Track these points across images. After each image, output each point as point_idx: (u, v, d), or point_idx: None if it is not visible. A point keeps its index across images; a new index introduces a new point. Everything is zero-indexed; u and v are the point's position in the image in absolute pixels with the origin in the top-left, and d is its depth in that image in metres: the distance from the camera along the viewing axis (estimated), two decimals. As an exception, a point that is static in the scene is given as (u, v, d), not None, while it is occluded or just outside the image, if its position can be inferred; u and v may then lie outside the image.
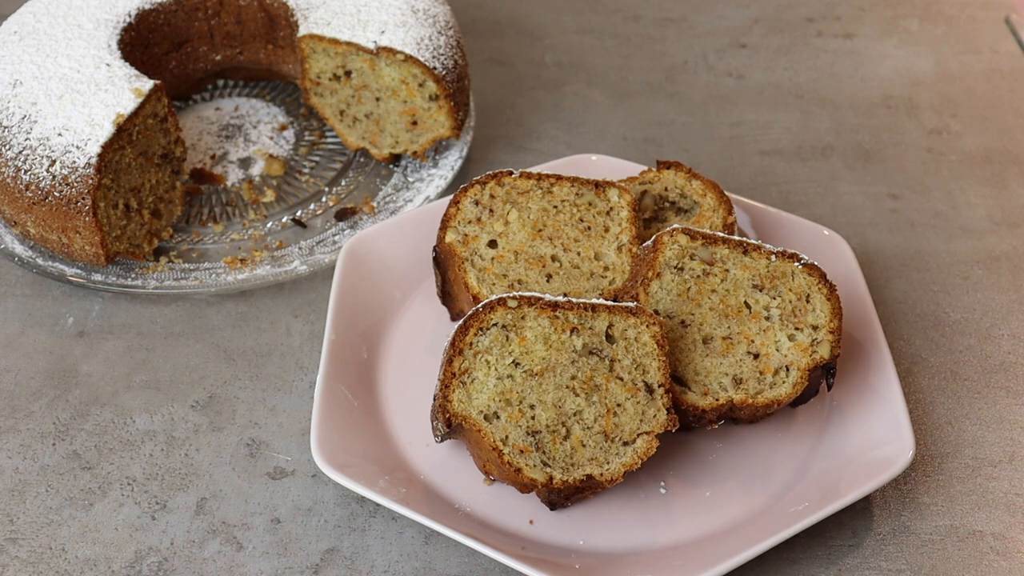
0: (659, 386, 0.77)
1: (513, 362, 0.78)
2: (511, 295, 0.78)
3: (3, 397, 0.91)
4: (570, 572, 0.74)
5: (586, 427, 0.76)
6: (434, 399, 0.79)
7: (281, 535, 0.81)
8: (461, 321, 0.78)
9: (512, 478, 0.76)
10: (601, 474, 0.75)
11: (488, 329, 0.78)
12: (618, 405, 0.77)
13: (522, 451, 0.75)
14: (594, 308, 0.78)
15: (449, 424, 0.77)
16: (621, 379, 0.77)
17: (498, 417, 0.76)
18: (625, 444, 0.76)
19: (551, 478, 0.75)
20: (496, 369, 0.77)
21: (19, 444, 0.87)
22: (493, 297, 0.79)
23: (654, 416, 0.76)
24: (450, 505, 0.80)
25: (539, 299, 0.78)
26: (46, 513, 0.82)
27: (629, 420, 0.76)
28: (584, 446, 0.76)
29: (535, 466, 0.75)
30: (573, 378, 0.77)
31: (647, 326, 0.78)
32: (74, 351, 0.95)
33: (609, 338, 0.78)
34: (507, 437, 0.76)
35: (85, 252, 0.96)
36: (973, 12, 1.43)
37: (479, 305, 0.79)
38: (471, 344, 0.78)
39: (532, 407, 0.77)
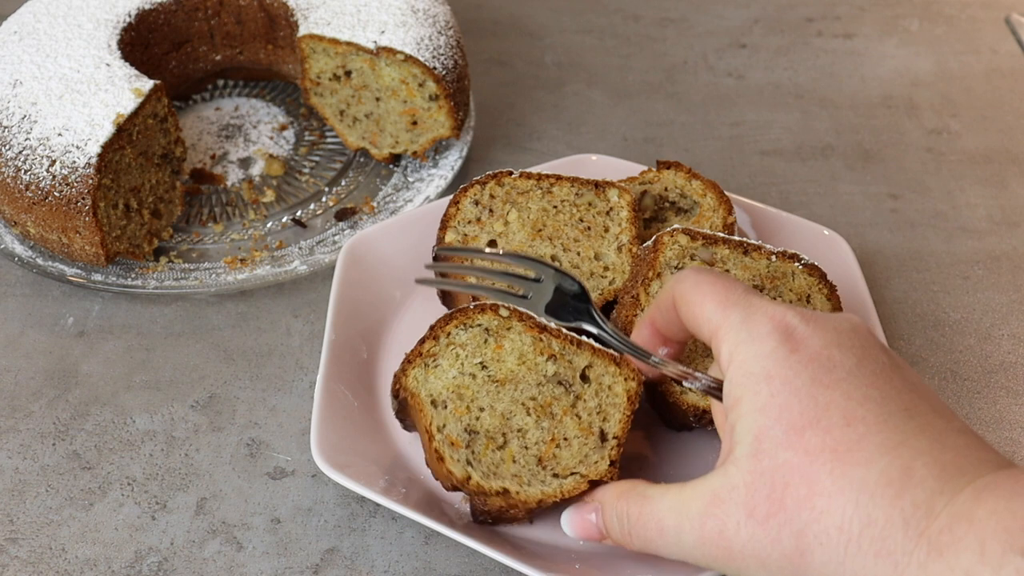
0: (613, 438, 0.75)
1: (481, 363, 0.78)
2: (507, 305, 0.78)
3: (3, 397, 0.91)
4: (570, 572, 0.74)
5: (524, 446, 0.76)
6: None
7: (281, 535, 0.81)
8: (449, 311, 0.79)
9: (435, 467, 0.76)
10: (518, 492, 0.73)
11: (472, 327, 0.78)
12: (564, 439, 0.76)
13: (452, 443, 0.75)
14: (579, 344, 0.78)
15: (397, 395, 0.78)
16: (579, 417, 0.76)
17: (445, 406, 0.76)
18: (555, 476, 0.74)
19: (469, 477, 0.74)
20: (462, 364, 0.78)
21: (19, 444, 0.87)
22: (490, 301, 0.79)
23: (596, 462, 0.74)
24: (450, 505, 0.80)
25: (531, 318, 0.78)
26: (46, 513, 0.82)
27: (570, 456, 0.75)
28: (514, 462, 0.75)
29: (459, 461, 0.74)
30: (532, 399, 0.77)
31: (625, 379, 0.77)
32: (74, 351, 0.95)
33: (584, 377, 0.78)
34: (444, 425, 0.76)
35: (85, 252, 0.97)
36: (973, 12, 1.43)
37: (473, 304, 0.79)
38: (449, 334, 0.78)
39: (481, 409, 0.76)
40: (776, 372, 0.56)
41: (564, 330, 0.78)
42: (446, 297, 0.92)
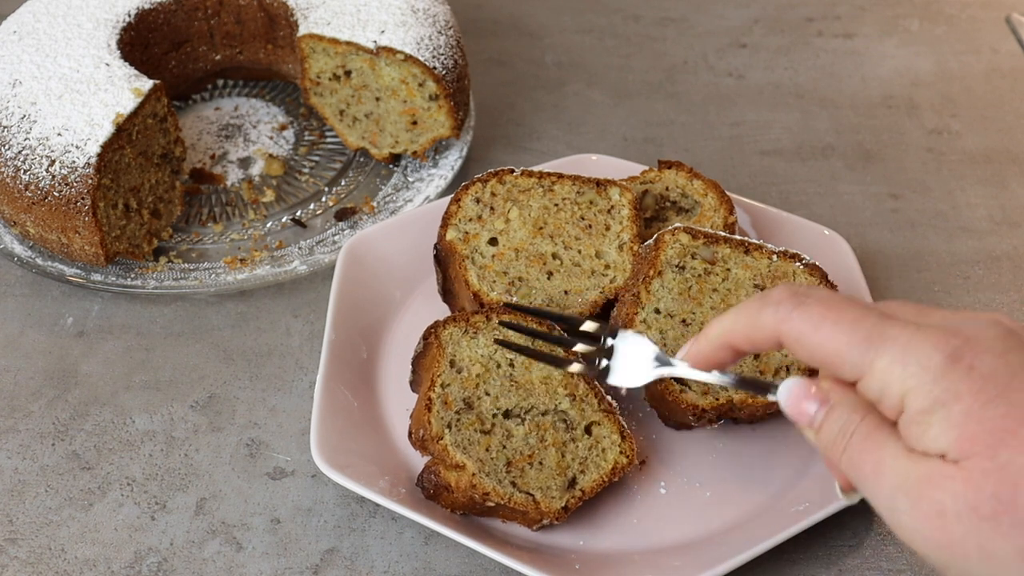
0: (580, 490, 0.77)
1: (511, 361, 0.81)
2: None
3: (2, 397, 0.91)
4: (570, 572, 0.74)
5: (503, 444, 0.77)
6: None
7: (281, 535, 0.81)
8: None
9: (417, 413, 0.78)
10: (474, 475, 0.75)
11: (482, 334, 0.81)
12: (540, 463, 0.77)
13: (446, 402, 0.78)
14: (601, 401, 0.80)
15: (426, 338, 0.81)
16: (563, 456, 0.78)
17: (459, 372, 0.80)
18: (512, 484, 0.76)
19: (441, 437, 0.76)
20: (497, 350, 0.81)
21: (18, 444, 0.87)
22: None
23: (553, 498, 0.76)
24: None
25: (565, 362, 0.78)
26: (45, 513, 0.82)
27: (535, 479, 0.76)
28: (487, 450, 0.77)
29: (442, 419, 0.77)
30: (534, 416, 0.79)
31: (620, 452, 0.78)
32: (73, 351, 0.95)
33: (587, 429, 0.79)
34: (448, 384, 0.78)
35: (85, 252, 0.96)
36: (973, 12, 1.43)
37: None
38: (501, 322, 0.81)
39: (487, 394, 0.79)
40: (963, 391, 0.54)
41: (598, 387, 0.80)
42: (447, 294, 0.92)
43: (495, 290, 0.87)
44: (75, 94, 0.96)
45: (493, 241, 0.90)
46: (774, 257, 0.84)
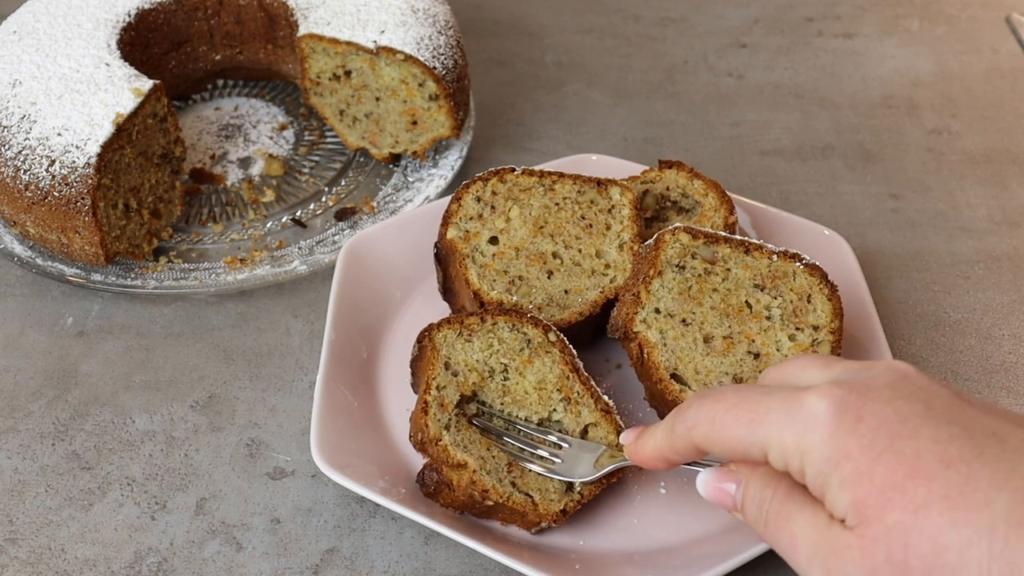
0: (579, 494, 0.77)
1: (506, 365, 0.81)
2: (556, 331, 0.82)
3: (2, 397, 0.91)
4: (570, 572, 0.74)
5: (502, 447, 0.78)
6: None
7: (281, 535, 0.81)
8: (506, 307, 0.83)
9: (416, 416, 0.78)
10: (474, 473, 0.75)
11: (518, 331, 0.82)
12: (541, 456, 0.77)
13: (443, 405, 0.77)
14: (597, 400, 0.80)
15: (420, 341, 0.81)
16: (557, 455, 0.78)
17: (455, 375, 0.79)
18: (512, 484, 0.76)
19: (440, 439, 0.76)
20: (491, 354, 0.81)
21: (18, 444, 0.87)
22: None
23: (552, 500, 0.76)
24: (450, 505, 0.80)
25: (571, 354, 0.82)
26: (45, 513, 0.82)
27: (535, 481, 0.76)
28: (488, 450, 0.77)
29: (439, 421, 0.77)
30: (524, 421, 0.79)
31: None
32: (73, 351, 0.95)
33: (584, 433, 0.79)
34: (444, 387, 0.78)
35: (85, 252, 0.96)
36: (973, 12, 1.43)
37: (530, 314, 0.83)
38: (496, 323, 0.82)
39: (483, 403, 0.80)
40: (851, 445, 0.53)
41: (594, 386, 0.81)
42: (447, 293, 0.92)
43: (495, 289, 0.87)
44: (75, 94, 0.96)
45: (494, 240, 0.90)
46: (774, 257, 0.84)
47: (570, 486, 0.77)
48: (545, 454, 0.77)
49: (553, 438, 0.78)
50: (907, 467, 0.52)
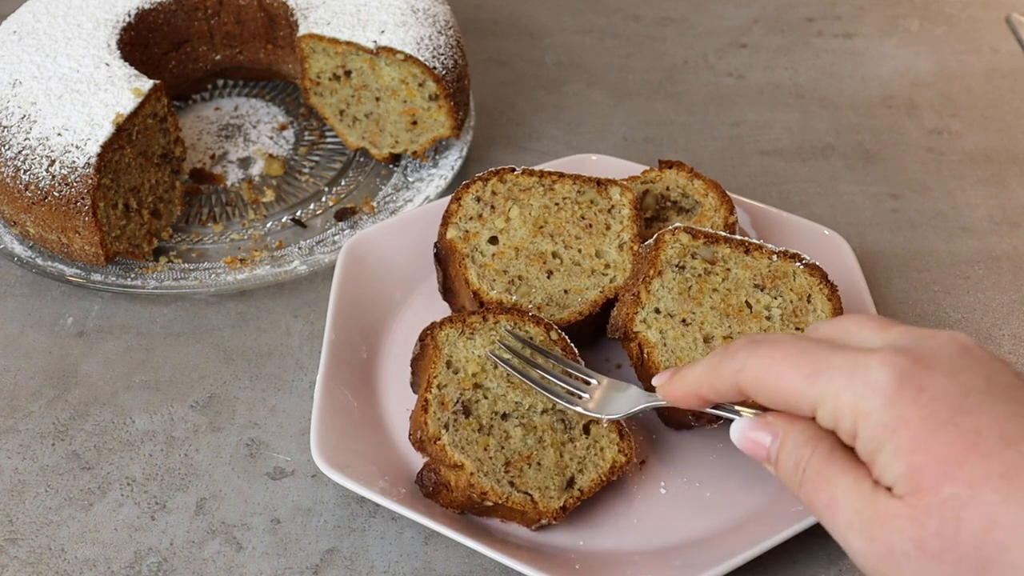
0: (578, 490, 0.77)
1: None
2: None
3: (2, 397, 0.91)
4: (570, 572, 0.74)
5: (501, 445, 0.77)
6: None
7: (281, 535, 0.81)
8: (507, 308, 0.83)
9: (416, 414, 0.78)
10: (472, 474, 0.75)
11: (519, 330, 0.82)
12: (539, 463, 0.77)
13: (443, 403, 0.78)
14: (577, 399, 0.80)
15: (422, 339, 0.81)
16: (561, 456, 0.78)
17: (456, 372, 0.80)
18: (511, 484, 0.76)
19: (439, 438, 0.76)
20: (484, 354, 0.81)
21: (18, 444, 0.87)
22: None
23: (551, 498, 0.76)
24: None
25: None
26: (45, 513, 0.82)
27: (533, 479, 0.76)
28: (485, 450, 0.77)
29: (439, 419, 0.77)
30: (532, 417, 0.79)
31: (619, 451, 0.79)
32: (73, 351, 0.95)
33: (586, 429, 0.79)
34: (445, 386, 0.78)
35: (85, 252, 0.96)
36: (973, 12, 1.43)
37: (531, 314, 0.83)
38: (498, 322, 0.82)
39: (484, 396, 0.79)
40: (912, 415, 0.53)
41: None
42: (447, 293, 0.92)
43: (495, 289, 0.87)
44: (75, 94, 0.96)
45: (493, 240, 0.90)
46: (774, 257, 0.84)
47: (570, 482, 0.77)
48: (573, 389, 0.77)
49: (588, 372, 0.78)
50: (966, 441, 0.52)
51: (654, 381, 0.68)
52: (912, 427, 0.53)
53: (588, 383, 0.78)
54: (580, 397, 0.77)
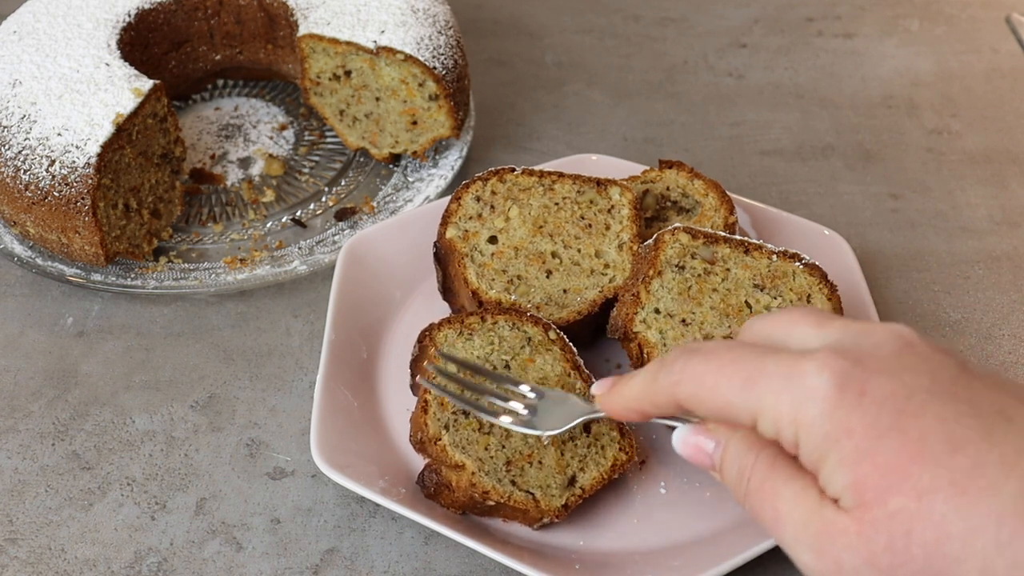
0: (580, 488, 0.77)
1: (507, 363, 0.81)
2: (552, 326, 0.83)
3: (2, 397, 0.91)
4: (570, 572, 0.74)
5: (502, 445, 0.77)
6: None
7: (281, 535, 0.81)
8: (504, 308, 0.83)
9: (416, 415, 0.78)
10: (473, 474, 0.75)
11: (518, 329, 0.82)
12: (540, 462, 0.77)
13: (442, 403, 0.78)
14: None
15: (421, 341, 0.82)
16: (562, 454, 0.78)
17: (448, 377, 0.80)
18: (512, 483, 0.76)
19: (439, 438, 0.76)
20: (492, 352, 0.81)
21: (18, 444, 0.87)
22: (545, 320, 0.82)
23: (553, 496, 0.76)
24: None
25: (572, 352, 0.82)
26: (45, 513, 0.82)
27: (534, 477, 0.76)
28: (486, 449, 0.77)
29: (439, 420, 0.77)
30: None
31: (620, 449, 0.79)
32: (73, 351, 0.95)
33: (586, 428, 0.79)
34: (444, 386, 0.78)
35: (85, 252, 0.96)
36: (973, 12, 1.43)
37: (529, 313, 0.84)
38: (496, 322, 0.83)
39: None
40: (854, 422, 0.50)
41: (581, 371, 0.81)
42: (447, 292, 0.92)
43: (494, 288, 0.87)
44: (75, 94, 0.96)
45: (493, 239, 0.90)
46: (774, 257, 0.84)
47: (572, 480, 0.77)
48: (516, 407, 0.74)
49: (525, 388, 0.75)
50: (912, 449, 0.49)
51: (593, 389, 0.65)
52: (855, 435, 0.50)
53: (526, 397, 0.75)
54: (518, 414, 0.74)
